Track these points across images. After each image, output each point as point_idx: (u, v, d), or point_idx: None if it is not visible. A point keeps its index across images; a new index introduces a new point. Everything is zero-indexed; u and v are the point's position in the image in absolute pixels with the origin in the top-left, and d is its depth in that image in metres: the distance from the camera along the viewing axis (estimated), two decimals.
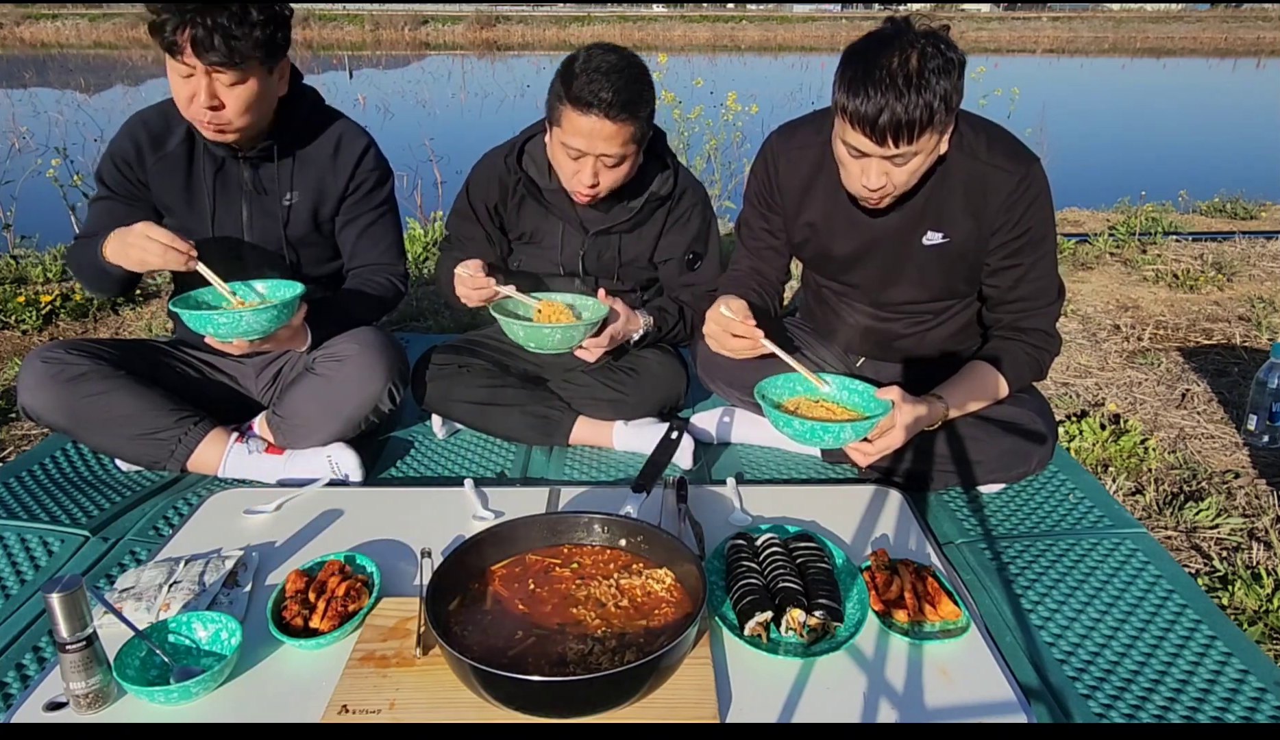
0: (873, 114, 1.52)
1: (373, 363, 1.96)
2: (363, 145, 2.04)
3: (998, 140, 1.75)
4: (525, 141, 2.08)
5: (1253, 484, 2.20)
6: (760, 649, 1.36)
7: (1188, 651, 1.46)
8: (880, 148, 1.57)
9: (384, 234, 2.12)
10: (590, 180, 1.90)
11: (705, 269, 2.19)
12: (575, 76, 1.81)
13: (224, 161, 1.95)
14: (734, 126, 5.16)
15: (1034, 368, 1.85)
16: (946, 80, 1.52)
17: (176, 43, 1.70)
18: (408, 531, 1.72)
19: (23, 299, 3.21)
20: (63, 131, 7.28)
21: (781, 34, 28.44)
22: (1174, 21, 32.07)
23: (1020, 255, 1.78)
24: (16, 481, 1.98)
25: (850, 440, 1.61)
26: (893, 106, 1.50)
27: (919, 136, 1.54)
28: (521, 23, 28.72)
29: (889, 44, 1.53)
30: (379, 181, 2.08)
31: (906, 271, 1.88)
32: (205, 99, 1.75)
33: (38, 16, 26.25)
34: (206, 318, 1.75)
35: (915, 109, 1.50)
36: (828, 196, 1.86)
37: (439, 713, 1.24)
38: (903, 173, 1.63)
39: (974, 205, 1.76)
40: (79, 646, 1.21)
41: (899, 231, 1.83)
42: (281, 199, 1.98)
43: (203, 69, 1.72)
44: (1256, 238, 4.53)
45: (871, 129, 1.54)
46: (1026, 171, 1.72)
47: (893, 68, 1.50)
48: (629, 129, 1.84)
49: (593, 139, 1.83)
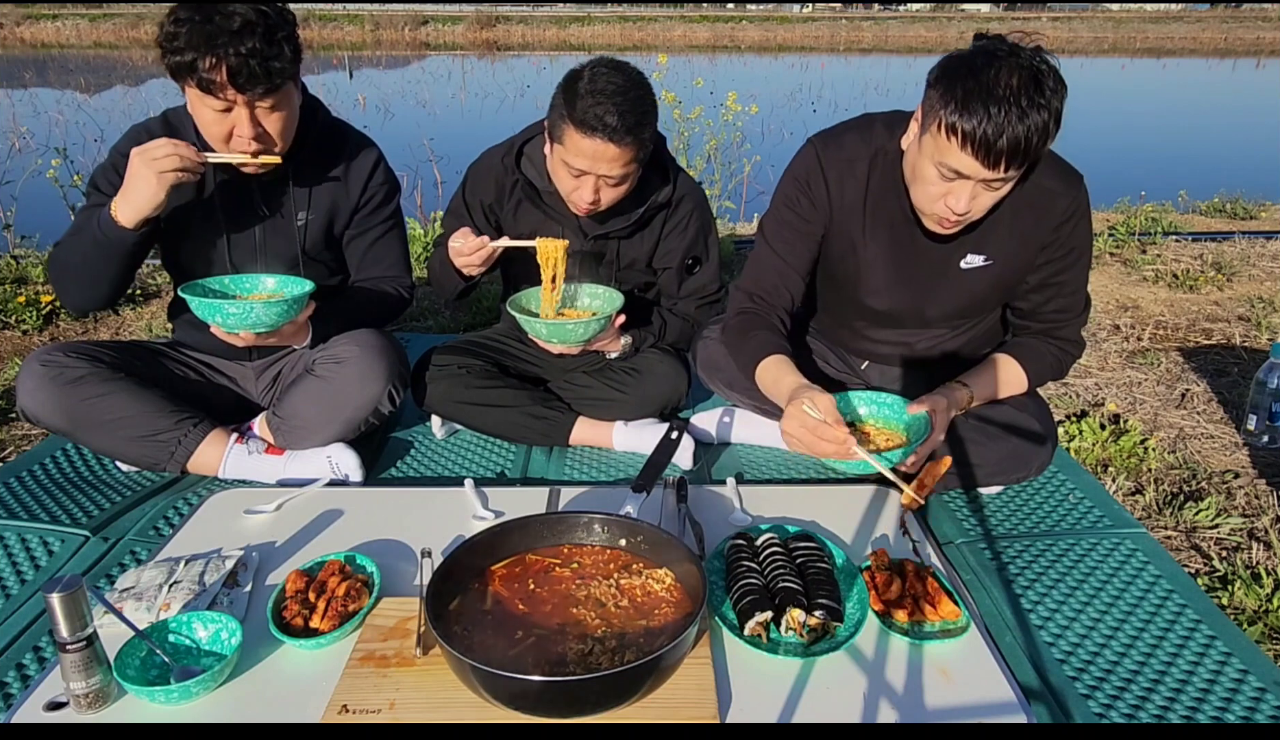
0: (993, 134, 1.43)
1: (373, 365, 1.95)
2: (373, 160, 2.02)
3: (1046, 158, 1.65)
4: (524, 143, 2.07)
5: (1252, 484, 2.20)
6: (760, 649, 1.36)
7: (1187, 651, 1.47)
8: (990, 170, 1.48)
9: (391, 248, 2.10)
10: (591, 197, 1.89)
11: (704, 273, 2.18)
12: (580, 97, 1.78)
13: (236, 185, 1.90)
14: (734, 126, 5.16)
15: (1055, 369, 1.85)
16: (1058, 98, 1.46)
17: (213, 80, 1.62)
18: (408, 531, 1.72)
19: (23, 299, 3.21)
20: (63, 131, 7.29)
21: (781, 34, 28.43)
22: (1174, 22, 32.07)
23: (1063, 274, 1.75)
24: (17, 481, 1.98)
25: (898, 462, 1.60)
26: (1015, 127, 1.42)
27: (1027, 158, 1.47)
28: (521, 23, 28.71)
29: (998, 60, 1.45)
30: (388, 196, 2.06)
31: (939, 295, 1.83)
32: (249, 130, 1.70)
33: (38, 16, 26.24)
34: (216, 307, 1.73)
35: (1035, 128, 1.43)
36: (880, 216, 1.78)
37: (439, 713, 1.24)
38: (991, 197, 1.56)
39: (1023, 227, 1.70)
40: (79, 646, 1.21)
41: (941, 255, 1.77)
42: (295, 219, 1.95)
43: (243, 101, 1.66)
44: (1256, 238, 4.53)
45: (988, 152, 1.45)
46: (1077, 192, 1.68)
47: (1014, 86, 1.42)
48: (632, 151, 1.84)
49: (596, 160, 1.82)
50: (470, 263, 1.97)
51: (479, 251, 1.94)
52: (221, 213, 1.92)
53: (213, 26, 1.61)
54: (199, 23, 1.62)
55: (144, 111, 3.81)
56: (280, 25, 1.69)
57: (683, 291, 2.20)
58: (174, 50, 1.63)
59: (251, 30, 1.63)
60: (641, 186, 2.02)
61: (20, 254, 3.94)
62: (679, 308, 2.23)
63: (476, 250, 1.94)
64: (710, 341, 2.10)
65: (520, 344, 2.26)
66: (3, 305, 3.19)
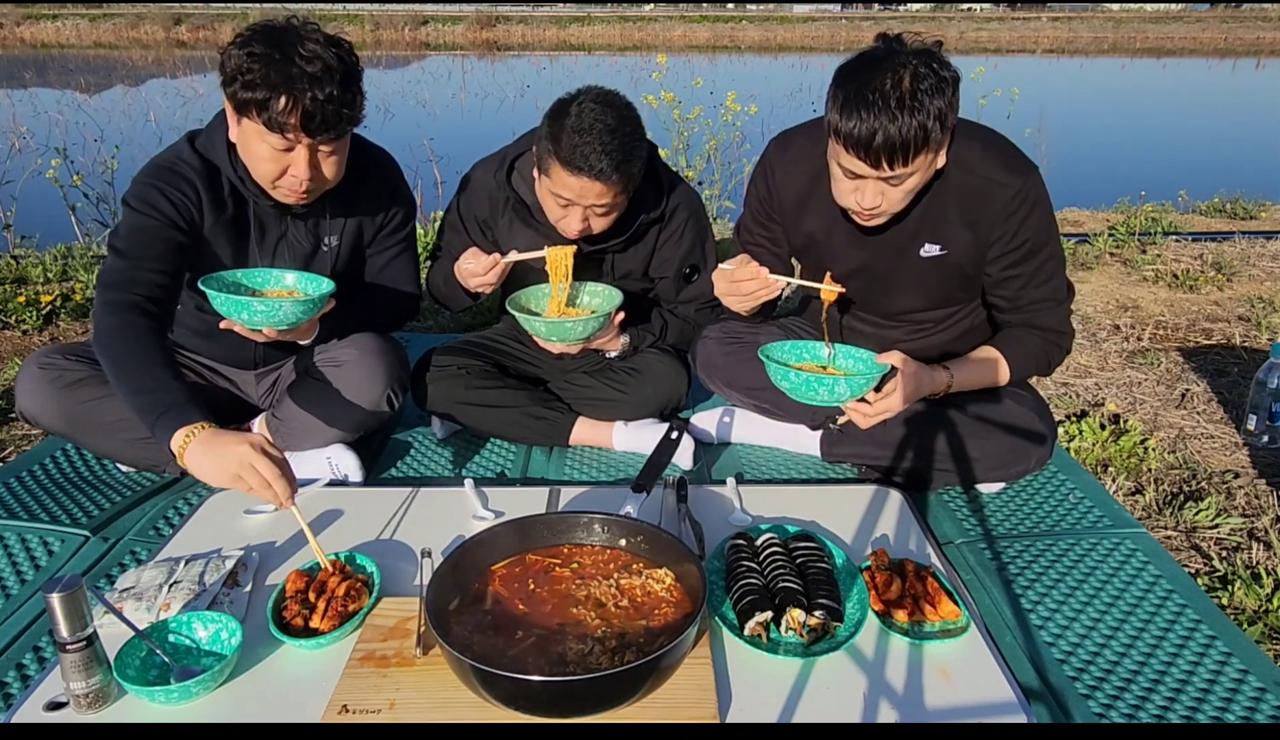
0: (866, 137, 1.50)
1: (373, 367, 1.95)
2: (396, 180, 2.02)
3: (993, 150, 1.72)
4: (515, 158, 2.05)
5: (1252, 484, 2.20)
6: (760, 649, 1.36)
7: (1187, 651, 1.47)
8: (875, 170, 1.55)
9: (404, 267, 2.09)
10: (579, 226, 1.89)
11: (703, 281, 2.18)
12: (566, 135, 1.76)
13: (274, 218, 1.88)
14: (734, 127, 5.16)
15: (1041, 360, 1.85)
16: (940, 99, 1.50)
17: (285, 122, 1.59)
18: (408, 531, 1.72)
19: (23, 299, 3.21)
20: (63, 132, 7.29)
21: (781, 34, 28.44)
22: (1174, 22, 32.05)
23: (1021, 265, 1.77)
24: (17, 481, 1.98)
25: (846, 396, 1.61)
26: (886, 128, 1.48)
27: (914, 158, 1.53)
28: (521, 23, 28.70)
29: (880, 65, 1.51)
30: (406, 219, 2.06)
31: (905, 283, 1.87)
32: (306, 172, 1.68)
33: (38, 16, 26.24)
34: (244, 303, 1.68)
35: (909, 131, 1.49)
36: (825, 209, 1.84)
37: (439, 713, 1.24)
38: (898, 193, 1.61)
39: (970, 217, 1.75)
40: (79, 646, 1.21)
41: (896, 244, 1.81)
42: (324, 244, 1.94)
43: (306, 143, 1.64)
44: (1256, 238, 4.53)
45: (866, 152, 1.52)
46: (1023, 183, 1.70)
47: (885, 89, 1.48)
48: (620, 186, 1.83)
49: (584, 194, 1.82)
50: (485, 282, 1.96)
51: (493, 270, 1.93)
52: (256, 244, 1.89)
53: (295, 69, 1.58)
54: (279, 62, 1.58)
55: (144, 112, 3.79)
56: (356, 74, 1.68)
57: (681, 298, 2.20)
58: (247, 85, 1.59)
59: (331, 76, 1.61)
60: (634, 203, 1.99)
61: (20, 254, 3.94)
62: (679, 310, 2.22)
63: (490, 268, 1.93)
64: (710, 341, 2.10)
65: (520, 344, 2.26)
66: (3, 305, 3.19)
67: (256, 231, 1.88)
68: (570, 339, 1.95)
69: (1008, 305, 1.85)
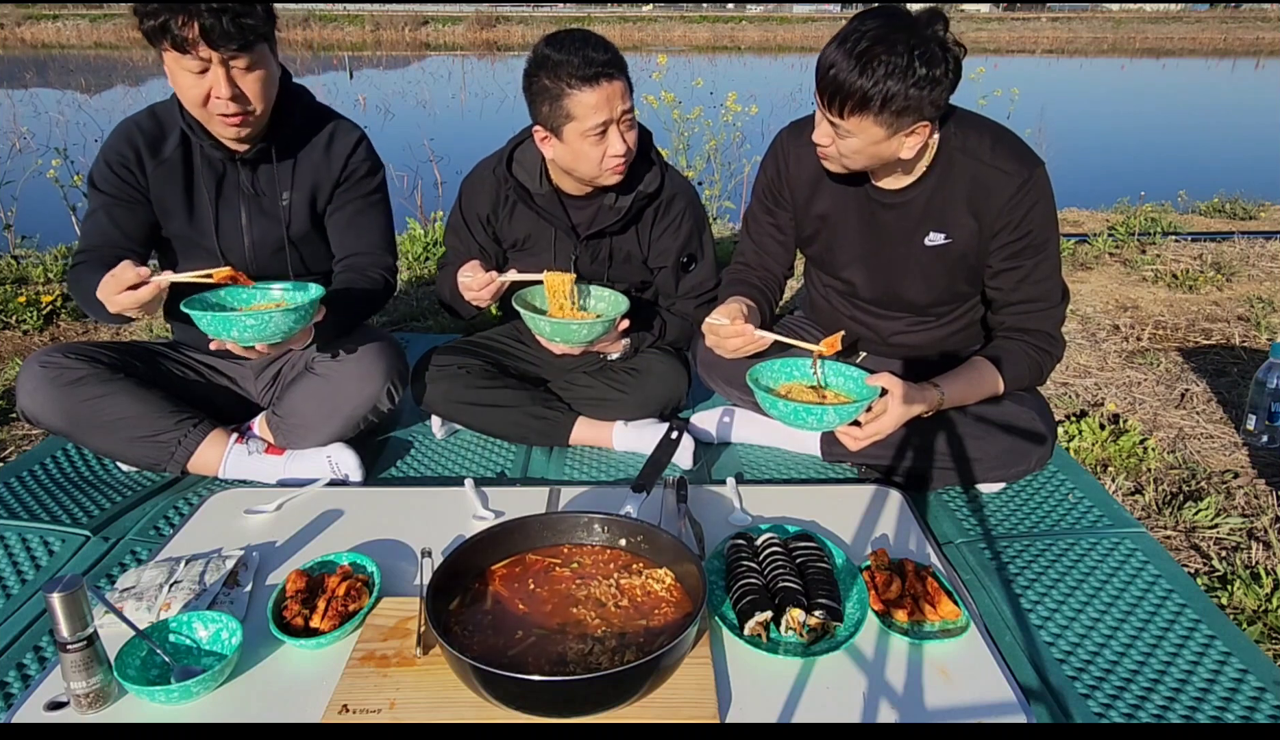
0: (824, 65, 1.57)
1: (372, 362, 1.96)
2: (355, 138, 2.03)
3: (1003, 142, 1.75)
4: (514, 148, 2.08)
5: (1252, 484, 2.20)
6: (760, 649, 1.36)
7: (1187, 651, 1.47)
8: (825, 108, 1.61)
9: (372, 225, 2.08)
10: (622, 149, 1.90)
11: (700, 271, 2.19)
12: (564, 63, 1.82)
13: (223, 165, 1.93)
14: (734, 127, 5.16)
15: (1034, 369, 1.84)
16: (900, 85, 1.52)
17: (185, 37, 1.65)
18: (408, 531, 1.72)
19: (24, 299, 3.21)
20: (63, 132, 7.28)
21: (781, 34, 28.45)
22: (1173, 22, 32.09)
23: (1021, 257, 1.79)
24: (17, 481, 1.98)
25: (835, 424, 1.61)
26: (839, 67, 1.55)
27: (849, 114, 1.58)
28: (521, 23, 28.72)
29: (886, 22, 1.54)
30: (369, 171, 2.06)
31: (909, 271, 1.89)
32: (226, 90, 1.71)
33: (38, 17, 26.25)
34: (232, 321, 1.65)
35: (851, 85, 1.54)
36: (837, 192, 1.89)
37: (439, 713, 1.24)
38: (846, 146, 1.66)
39: (976, 206, 1.77)
40: (80, 646, 1.21)
41: (902, 231, 1.83)
42: (279, 199, 1.97)
43: (218, 59, 1.68)
44: (1255, 238, 4.53)
45: (819, 79, 1.59)
46: (1030, 175, 1.72)
47: (860, 40, 1.53)
48: (626, 82, 1.89)
49: (612, 101, 1.85)
50: (480, 297, 1.97)
51: (488, 287, 1.94)
52: (210, 193, 1.93)
53: None
54: None
55: None
56: None
57: (680, 290, 2.21)
58: (148, 14, 1.65)
59: None
60: (630, 178, 2.02)
61: (21, 254, 3.94)
62: (678, 307, 2.23)
63: (485, 286, 1.94)
64: None
65: (520, 344, 2.27)
66: (3, 305, 3.19)
67: (205, 175, 1.91)
68: (574, 341, 1.95)
69: (1002, 300, 1.85)
